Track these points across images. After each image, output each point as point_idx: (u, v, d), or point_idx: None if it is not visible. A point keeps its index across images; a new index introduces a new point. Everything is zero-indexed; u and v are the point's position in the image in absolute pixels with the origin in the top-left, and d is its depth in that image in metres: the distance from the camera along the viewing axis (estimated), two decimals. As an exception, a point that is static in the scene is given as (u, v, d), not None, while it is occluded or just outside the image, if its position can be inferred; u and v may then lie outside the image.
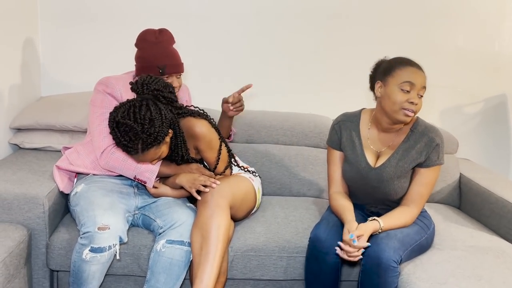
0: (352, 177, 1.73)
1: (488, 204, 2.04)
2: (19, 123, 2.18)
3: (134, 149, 1.57)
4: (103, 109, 1.76)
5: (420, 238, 1.65)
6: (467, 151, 2.66)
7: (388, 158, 1.68)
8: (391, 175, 1.66)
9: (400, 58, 1.66)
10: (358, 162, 1.71)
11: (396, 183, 1.67)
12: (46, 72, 2.51)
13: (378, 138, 1.72)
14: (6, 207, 1.70)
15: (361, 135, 1.73)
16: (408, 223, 1.66)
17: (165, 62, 1.75)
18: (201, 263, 1.57)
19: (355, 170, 1.71)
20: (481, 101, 2.74)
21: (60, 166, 1.85)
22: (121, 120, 1.54)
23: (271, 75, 2.61)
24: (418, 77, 1.58)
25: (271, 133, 2.35)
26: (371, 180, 1.69)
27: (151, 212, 1.77)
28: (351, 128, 1.75)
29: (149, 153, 1.60)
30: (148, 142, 1.56)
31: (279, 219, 1.93)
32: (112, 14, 2.47)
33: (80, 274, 1.59)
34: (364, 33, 2.59)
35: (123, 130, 1.55)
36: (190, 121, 1.73)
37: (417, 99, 1.58)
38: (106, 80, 1.79)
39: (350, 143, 1.74)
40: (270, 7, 2.54)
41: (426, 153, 1.64)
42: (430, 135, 1.65)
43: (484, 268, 1.60)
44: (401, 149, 1.67)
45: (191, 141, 1.75)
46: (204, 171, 1.78)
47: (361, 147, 1.72)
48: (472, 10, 2.62)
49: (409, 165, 1.66)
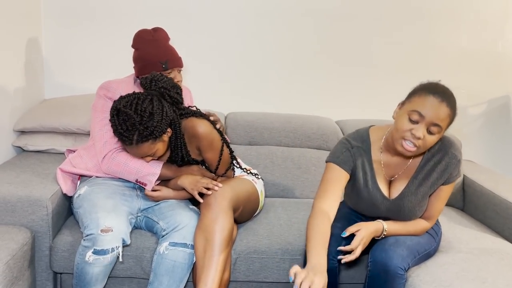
0: (365, 209, 1.60)
1: (492, 205, 2.03)
2: (22, 126, 2.18)
3: (129, 139, 1.58)
4: (104, 114, 1.77)
5: (430, 247, 1.63)
6: (471, 152, 2.65)
7: (407, 185, 1.52)
8: (413, 204, 1.52)
9: (430, 84, 1.42)
10: (372, 195, 1.55)
11: (417, 209, 1.54)
12: (50, 75, 2.52)
13: (392, 163, 1.53)
14: (9, 210, 1.71)
15: (373, 160, 1.54)
16: (417, 234, 1.58)
17: (166, 57, 1.78)
18: (204, 266, 1.56)
19: (369, 203, 1.57)
20: (484, 102, 2.73)
21: (63, 169, 1.86)
22: (122, 109, 1.57)
23: (273, 76, 2.61)
24: (432, 110, 1.34)
25: (274, 135, 2.35)
26: (389, 211, 1.56)
27: (154, 215, 1.77)
28: (363, 155, 1.54)
29: (143, 146, 1.60)
30: (144, 135, 1.57)
31: (282, 221, 1.93)
32: (116, 16, 2.48)
33: (83, 276, 1.59)
34: (367, 35, 2.59)
35: (122, 118, 1.57)
36: (192, 121, 1.73)
37: (422, 133, 1.36)
38: (107, 85, 1.81)
39: (362, 173, 1.55)
40: (272, 9, 2.54)
41: (447, 171, 1.50)
42: (450, 152, 1.49)
43: (489, 271, 1.59)
44: (420, 174, 1.52)
45: (193, 142, 1.75)
46: (206, 173, 1.78)
47: (373, 178, 1.54)
48: (475, 11, 2.61)
49: (431, 188, 1.53)
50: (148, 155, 1.67)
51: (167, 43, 1.84)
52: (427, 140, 1.38)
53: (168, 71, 1.79)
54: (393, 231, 1.54)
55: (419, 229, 1.59)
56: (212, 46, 2.56)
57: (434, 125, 1.36)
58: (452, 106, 1.37)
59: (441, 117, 1.35)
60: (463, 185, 2.28)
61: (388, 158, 1.54)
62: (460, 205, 2.28)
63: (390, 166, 1.54)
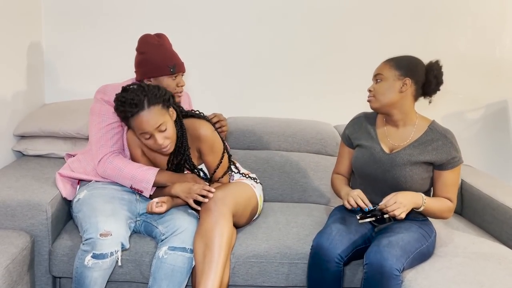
0: (364, 163, 1.75)
1: (489, 210, 2.04)
2: (22, 130, 2.19)
3: (141, 103, 1.59)
4: (100, 117, 1.78)
5: (421, 246, 1.65)
6: (469, 157, 2.66)
7: (403, 147, 1.72)
8: (405, 161, 1.69)
9: None
10: (372, 147, 1.76)
11: (408, 170, 1.68)
12: (50, 79, 2.53)
13: (396, 134, 1.76)
14: (9, 214, 1.71)
15: (377, 129, 1.79)
16: (445, 213, 1.69)
17: (174, 62, 1.80)
18: (204, 271, 1.57)
19: (368, 154, 1.75)
20: (482, 107, 2.74)
21: (62, 173, 1.87)
22: (128, 88, 1.63)
23: (272, 81, 2.63)
24: (378, 68, 1.74)
25: (273, 140, 2.36)
26: (383, 164, 1.72)
27: (153, 219, 1.77)
28: (367, 122, 1.83)
29: (155, 110, 1.60)
30: (154, 100, 1.61)
31: (281, 225, 1.94)
32: (117, 21, 2.50)
33: (82, 281, 1.59)
34: (366, 39, 2.60)
35: (129, 92, 1.62)
36: (194, 123, 1.75)
37: (371, 86, 1.73)
38: (103, 88, 1.83)
39: (365, 133, 1.81)
40: (271, 14, 2.56)
41: (442, 155, 1.67)
42: (448, 137, 1.69)
43: (486, 275, 1.59)
44: (418, 142, 1.70)
45: (194, 143, 1.76)
46: (199, 180, 1.78)
47: (376, 137, 1.78)
48: (473, 16, 2.63)
49: (424, 157, 1.68)
50: (161, 130, 1.62)
51: (172, 48, 1.86)
52: (376, 88, 1.71)
53: (175, 75, 1.81)
54: (430, 204, 1.66)
55: (446, 208, 1.69)
56: (212, 51, 2.57)
57: (376, 75, 1.73)
58: (392, 60, 1.73)
59: (380, 68, 1.72)
60: (461, 189, 2.29)
61: (393, 130, 1.77)
62: (458, 210, 2.29)
63: (395, 137, 1.76)
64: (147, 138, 1.63)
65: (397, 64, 1.69)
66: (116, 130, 1.81)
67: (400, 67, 1.69)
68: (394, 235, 1.63)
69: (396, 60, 1.71)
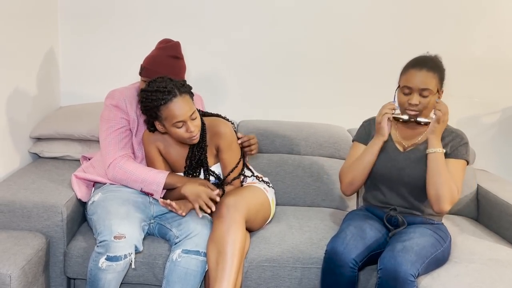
0: (379, 163, 1.76)
1: (506, 216, 2.00)
2: (39, 133, 2.22)
3: (174, 90, 1.61)
4: (109, 122, 1.81)
5: (436, 251, 1.63)
6: (485, 161, 2.62)
7: (418, 144, 1.76)
8: (419, 158, 1.71)
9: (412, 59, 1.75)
10: (386, 147, 1.77)
11: (423, 166, 1.69)
12: (66, 83, 2.56)
13: (409, 133, 1.79)
14: (25, 215, 1.74)
15: (391, 130, 1.80)
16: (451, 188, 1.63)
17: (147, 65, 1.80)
18: (217, 278, 1.57)
19: (383, 154, 1.76)
20: (498, 111, 2.70)
21: (78, 175, 1.89)
22: (155, 79, 1.66)
23: (285, 85, 2.62)
24: (415, 80, 1.66)
25: (286, 143, 2.35)
26: (399, 162, 1.74)
27: (167, 222, 1.78)
28: None
29: (187, 98, 1.65)
30: (183, 88, 1.64)
31: (294, 229, 1.93)
32: (132, 25, 2.52)
33: (97, 283, 1.61)
34: (379, 43, 2.59)
35: (157, 83, 1.63)
36: (215, 120, 1.78)
37: (416, 100, 1.66)
38: (111, 93, 1.87)
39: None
40: (283, 16, 2.56)
41: (453, 145, 1.71)
42: (459, 133, 1.75)
43: (503, 282, 1.57)
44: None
45: (213, 140, 1.77)
46: (210, 185, 1.77)
47: (390, 138, 1.79)
48: (489, 19, 2.59)
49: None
50: (192, 118, 1.65)
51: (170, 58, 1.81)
52: (423, 102, 1.67)
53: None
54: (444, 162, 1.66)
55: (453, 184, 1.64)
56: (225, 55, 2.58)
57: (422, 90, 1.66)
58: (431, 67, 1.67)
59: (426, 82, 1.65)
60: (477, 194, 2.26)
61: (407, 131, 1.80)
62: (474, 215, 2.25)
63: (408, 138, 1.79)
64: (179, 126, 1.65)
65: (439, 76, 1.69)
66: (124, 135, 1.83)
67: (440, 78, 1.69)
68: (408, 240, 1.61)
69: (435, 69, 1.68)
